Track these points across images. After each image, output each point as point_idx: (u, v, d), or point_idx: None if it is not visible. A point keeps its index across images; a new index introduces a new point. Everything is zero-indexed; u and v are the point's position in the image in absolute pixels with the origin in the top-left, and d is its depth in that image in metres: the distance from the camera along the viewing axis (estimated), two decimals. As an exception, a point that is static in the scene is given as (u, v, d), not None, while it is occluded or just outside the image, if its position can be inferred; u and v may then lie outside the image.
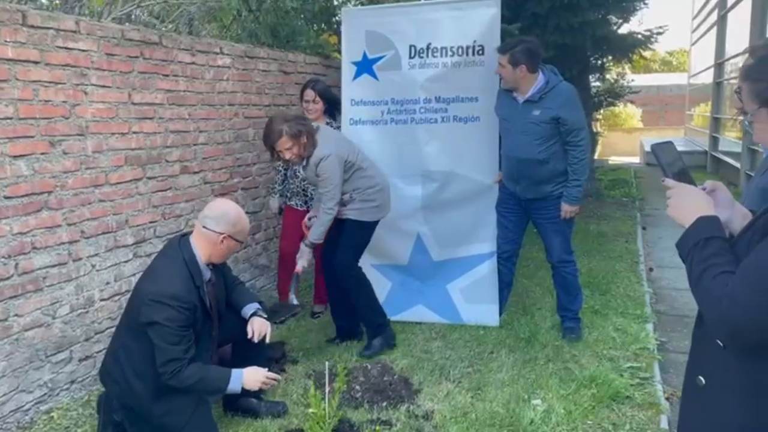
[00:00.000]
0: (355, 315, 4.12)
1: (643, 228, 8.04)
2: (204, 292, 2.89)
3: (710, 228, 1.41)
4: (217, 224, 2.90)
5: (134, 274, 3.81)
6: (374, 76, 4.46)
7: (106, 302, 3.65)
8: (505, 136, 4.08)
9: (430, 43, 4.28)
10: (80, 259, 3.46)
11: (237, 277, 3.45)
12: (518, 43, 3.86)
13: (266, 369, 3.01)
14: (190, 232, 2.99)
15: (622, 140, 20.90)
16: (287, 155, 3.72)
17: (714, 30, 15.42)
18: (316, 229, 3.83)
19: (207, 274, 2.95)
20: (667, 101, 25.69)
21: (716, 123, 14.61)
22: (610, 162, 16.18)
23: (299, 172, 4.23)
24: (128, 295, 3.71)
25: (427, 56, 4.30)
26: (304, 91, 4.45)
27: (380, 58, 4.43)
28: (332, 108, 4.56)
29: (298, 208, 4.53)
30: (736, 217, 1.56)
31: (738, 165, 11.30)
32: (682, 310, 4.99)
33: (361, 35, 4.46)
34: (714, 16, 15.59)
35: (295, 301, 3.88)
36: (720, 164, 13.66)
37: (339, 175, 3.75)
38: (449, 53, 4.25)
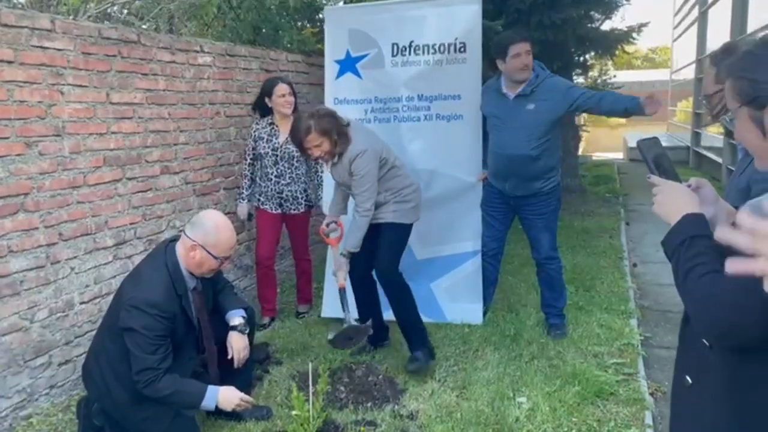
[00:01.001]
0: (382, 317, 3.98)
1: (627, 223, 8.08)
2: (188, 301, 2.84)
3: (696, 226, 1.39)
4: (191, 230, 2.83)
5: (114, 277, 3.76)
6: (358, 74, 4.43)
7: (86, 305, 3.59)
8: (495, 133, 4.02)
9: (412, 41, 4.26)
10: (58, 261, 3.40)
11: (227, 280, 3.36)
12: (526, 32, 3.98)
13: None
14: (179, 237, 2.92)
15: (606, 136, 21.05)
16: (316, 153, 3.47)
17: (695, 26, 15.54)
18: (353, 235, 3.53)
19: (192, 283, 2.88)
20: (650, 97, 25.84)
21: (698, 119, 14.72)
22: (593, 158, 16.28)
23: (329, 170, 3.78)
24: (109, 298, 3.67)
25: (410, 54, 4.28)
26: (276, 86, 4.27)
27: (364, 56, 4.40)
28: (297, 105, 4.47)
29: (273, 211, 4.42)
30: (721, 213, 1.56)
31: (720, 160, 11.39)
32: (666, 305, 5.01)
33: (344, 33, 4.44)
34: (695, 13, 15.70)
35: (352, 319, 3.61)
36: (702, 159, 13.77)
37: (375, 173, 3.49)
38: (431, 51, 4.23)
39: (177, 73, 4.18)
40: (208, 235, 2.80)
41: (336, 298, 3.83)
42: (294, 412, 2.89)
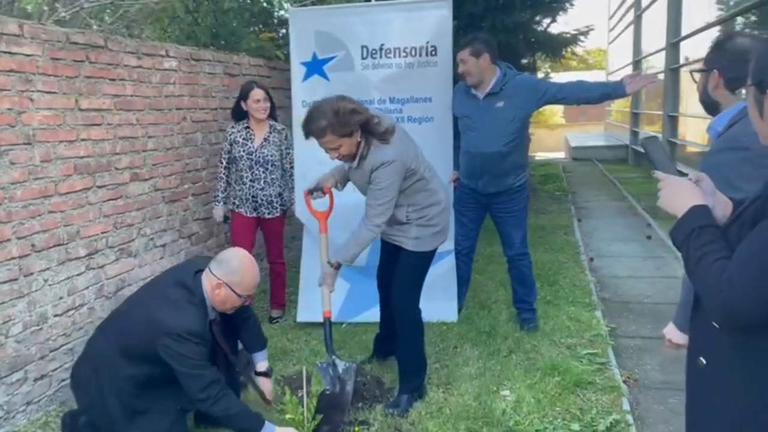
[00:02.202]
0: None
1: (579, 220, 8.35)
2: (212, 331, 2.86)
3: (703, 217, 1.49)
4: (218, 268, 2.84)
5: (87, 288, 3.66)
6: (325, 76, 4.45)
7: (60, 318, 3.48)
8: (467, 132, 4.12)
9: (383, 44, 4.31)
10: (32, 274, 3.29)
11: (251, 312, 3.26)
12: (474, 38, 3.98)
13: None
14: (203, 269, 2.90)
15: (547, 136, 21.63)
16: (333, 155, 3.04)
17: (631, 29, 16.18)
18: (350, 249, 3.12)
19: (212, 314, 2.89)
20: (587, 98, 26.72)
21: (636, 118, 15.33)
22: (536, 158, 16.73)
23: (347, 171, 3.32)
24: (82, 310, 3.60)
25: (380, 57, 4.33)
26: (252, 91, 4.31)
27: (331, 58, 4.43)
28: (274, 110, 4.49)
29: (247, 215, 4.41)
30: (719, 204, 1.66)
31: (659, 157, 11.89)
32: (625, 297, 5.23)
33: (310, 36, 4.45)
34: (630, 16, 16.35)
35: (339, 364, 3.18)
36: (640, 157, 14.33)
37: (397, 188, 3.02)
38: (402, 54, 4.30)
39: (144, 78, 4.10)
40: (234, 273, 2.82)
41: (317, 300, 3.83)
42: (288, 416, 2.90)
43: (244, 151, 4.31)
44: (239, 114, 4.40)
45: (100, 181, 3.75)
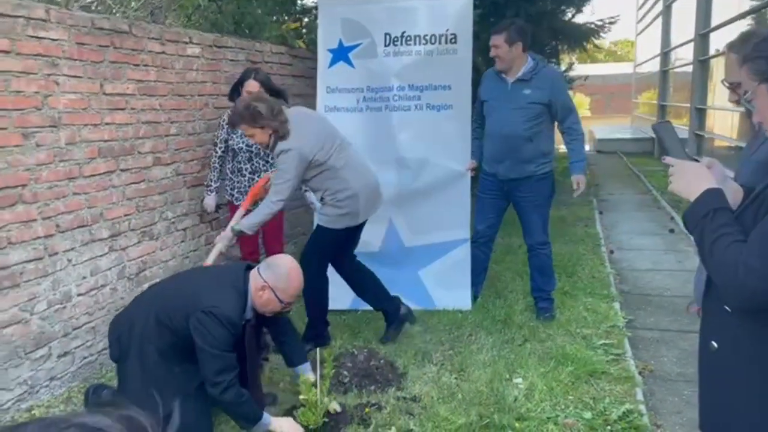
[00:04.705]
0: (387, 294, 4.06)
1: (600, 212, 8.29)
2: (244, 331, 2.91)
3: (717, 200, 1.48)
4: (266, 270, 2.91)
5: (110, 268, 3.75)
6: (350, 63, 4.48)
7: (83, 297, 3.57)
8: (491, 115, 4.16)
9: (404, 32, 4.32)
10: (56, 253, 3.38)
11: (290, 323, 3.31)
12: (511, 23, 4.03)
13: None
14: (254, 266, 3.00)
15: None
16: (251, 141, 3.72)
17: (659, 20, 15.92)
18: (252, 218, 3.58)
19: (249, 314, 2.94)
20: (613, 90, 26.44)
21: (663, 110, 15.11)
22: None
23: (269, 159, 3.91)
24: (105, 290, 3.70)
25: (402, 44, 4.35)
26: (246, 81, 4.11)
27: (356, 45, 4.46)
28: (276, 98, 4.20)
29: (249, 207, 4.22)
30: (729, 191, 1.66)
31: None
32: (644, 290, 5.19)
33: (337, 23, 4.48)
34: (659, 6, 16.08)
35: None
36: (667, 150, 14.14)
37: (295, 174, 3.52)
38: (423, 41, 4.31)
39: (167, 64, 4.17)
40: (280, 279, 2.88)
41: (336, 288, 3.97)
42: (301, 397, 2.95)
43: (242, 142, 4.20)
44: (237, 96, 4.17)
45: (124, 165, 3.83)
